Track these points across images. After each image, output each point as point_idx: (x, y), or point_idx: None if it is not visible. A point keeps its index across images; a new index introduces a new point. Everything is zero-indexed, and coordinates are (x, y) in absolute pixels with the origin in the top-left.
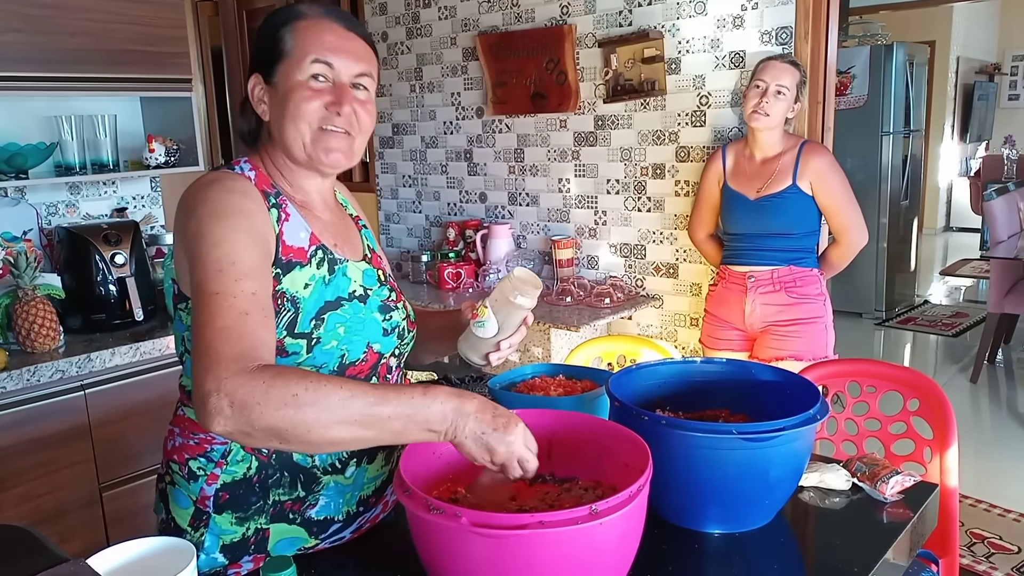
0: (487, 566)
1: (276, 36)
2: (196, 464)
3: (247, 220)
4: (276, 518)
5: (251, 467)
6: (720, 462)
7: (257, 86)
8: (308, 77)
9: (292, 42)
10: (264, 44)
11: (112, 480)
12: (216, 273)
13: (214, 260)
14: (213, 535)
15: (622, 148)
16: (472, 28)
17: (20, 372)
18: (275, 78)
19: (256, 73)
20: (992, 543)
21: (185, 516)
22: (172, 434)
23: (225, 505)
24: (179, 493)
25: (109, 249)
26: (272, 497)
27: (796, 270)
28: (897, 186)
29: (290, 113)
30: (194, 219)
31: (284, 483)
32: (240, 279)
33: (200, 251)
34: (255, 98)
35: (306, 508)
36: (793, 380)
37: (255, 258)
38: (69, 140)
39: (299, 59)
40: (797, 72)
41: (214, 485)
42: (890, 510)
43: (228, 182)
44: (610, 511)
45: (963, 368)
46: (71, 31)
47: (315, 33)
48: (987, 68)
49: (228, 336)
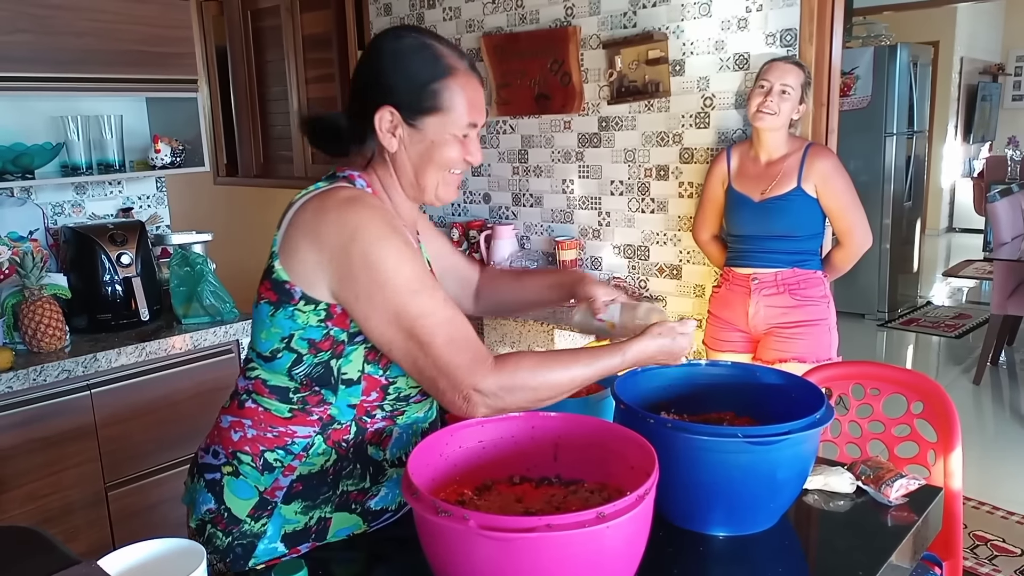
0: (494, 569)
1: (428, 88)
2: (273, 456)
3: (405, 237)
4: (340, 507)
5: (330, 459)
6: (725, 465)
7: (390, 120)
8: (459, 134)
9: (448, 101)
10: (411, 89)
11: (118, 480)
12: (413, 295)
13: (405, 283)
14: (276, 525)
15: (626, 149)
16: (476, 29)
17: (26, 372)
18: (421, 125)
19: (391, 107)
20: (995, 545)
21: (245, 506)
22: (240, 425)
23: (296, 495)
24: (242, 484)
25: (115, 249)
26: (341, 487)
27: (800, 272)
28: (900, 187)
29: (434, 163)
30: (363, 241)
31: (355, 474)
32: (434, 292)
33: (386, 275)
34: (384, 129)
35: (368, 499)
36: (798, 383)
37: (426, 269)
38: (75, 140)
39: (456, 119)
40: (802, 73)
41: (290, 476)
42: (894, 513)
43: (371, 200)
44: (617, 514)
45: (966, 370)
46: (77, 32)
47: (469, 93)
48: (991, 68)
49: (455, 346)
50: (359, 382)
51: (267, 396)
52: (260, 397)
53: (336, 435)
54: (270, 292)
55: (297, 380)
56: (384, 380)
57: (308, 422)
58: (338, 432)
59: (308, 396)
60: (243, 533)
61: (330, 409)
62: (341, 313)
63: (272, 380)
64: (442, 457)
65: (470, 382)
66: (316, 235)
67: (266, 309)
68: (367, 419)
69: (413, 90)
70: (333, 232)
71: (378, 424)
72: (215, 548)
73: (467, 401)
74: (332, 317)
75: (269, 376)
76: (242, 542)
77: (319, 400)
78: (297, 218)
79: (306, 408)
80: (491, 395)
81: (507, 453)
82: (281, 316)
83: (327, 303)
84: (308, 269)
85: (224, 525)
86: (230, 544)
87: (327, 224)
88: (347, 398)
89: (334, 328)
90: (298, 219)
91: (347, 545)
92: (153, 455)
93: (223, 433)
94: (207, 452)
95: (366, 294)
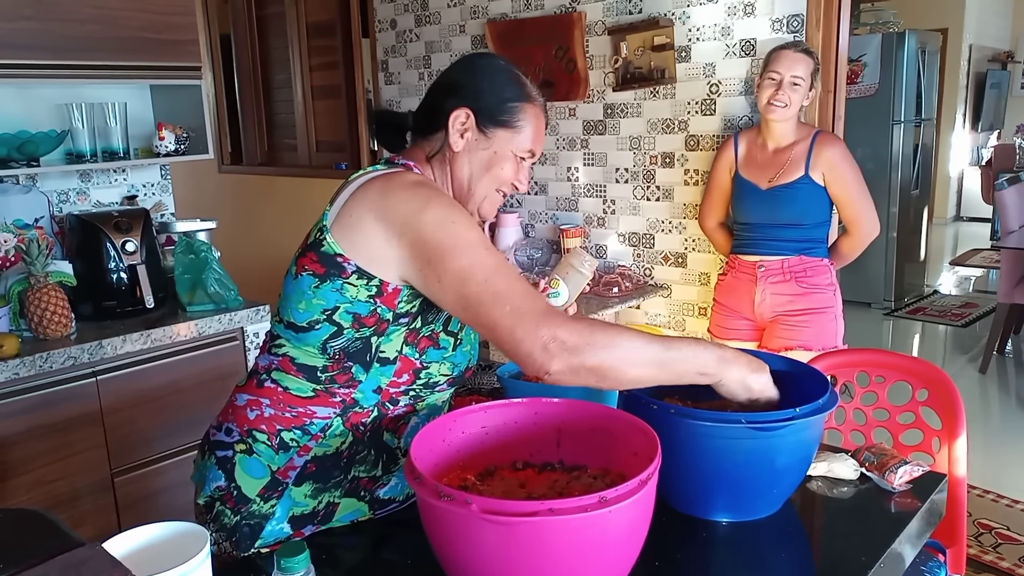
0: (497, 553)
1: (508, 104)
2: (289, 435)
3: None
4: (350, 493)
5: (345, 442)
6: (729, 451)
7: (464, 120)
8: (519, 156)
9: (522, 123)
10: (493, 99)
11: (124, 466)
12: (489, 251)
13: (480, 240)
14: (285, 507)
15: (631, 137)
16: (481, 16)
17: (32, 359)
18: (491, 133)
19: (468, 108)
20: (999, 533)
21: (256, 485)
22: (257, 404)
23: (308, 476)
24: (254, 462)
25: (120, 237)
26: (352, 472)
27: (806, 260)
28: (908, 175)
29: (491, 174)
30: (434, 211)
31: (368, 460)
32: (502, 253)
33: (461, 236)
34: (456, 127)
35: (377, 487)
36: (802, 370)
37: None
38: (80, 128)
39: (523, 141)
40: (811, 61)
41: (305, 457)
42: (898, 500)
43: (434, 185)
44: (619, 499)
45: (972, 359)
46: (81, 19)
47: (538, 124)
48: (1000, 56)
49: (531, 296)
50: (395, 362)
51: (293, 374)
52: (284, 375)
53: (355, 418)
54: (316, 264)
55: (329, 354)
56: (419, 364)
57: (330, 403)
58: (358, 415)
59: (337, 375)
60: (251, 513)
61: (354, 392)
62: (392, 292)
63: (301, 358)
64: (445, 443)
65: (549, 328)
66: (386, 210)
67: (309, 281)
68: (390, 405)
69: (495, 101)
70: (405, 206)
71: (399, 410)
72: (222, 526)
73: (545, 350)
74: (382, 295)
75: (298, 353)
76: (250, 522)
77: (347, 379)
78: (360, 195)
79: (330, 388)
80: (571, 346)
81: (510, 439)
82: (328, 288)
83: (380, 280)
84: (373, 245)
85: (233, 503)
86: (238, 523)
87: (399, 200)
88: (377, 378)
89: (381, 306)
90: (361, 196)
91: (349, 529)
92: (159, 441)
93: (238, 411)
94: (219, 430)
95: (439, 255)
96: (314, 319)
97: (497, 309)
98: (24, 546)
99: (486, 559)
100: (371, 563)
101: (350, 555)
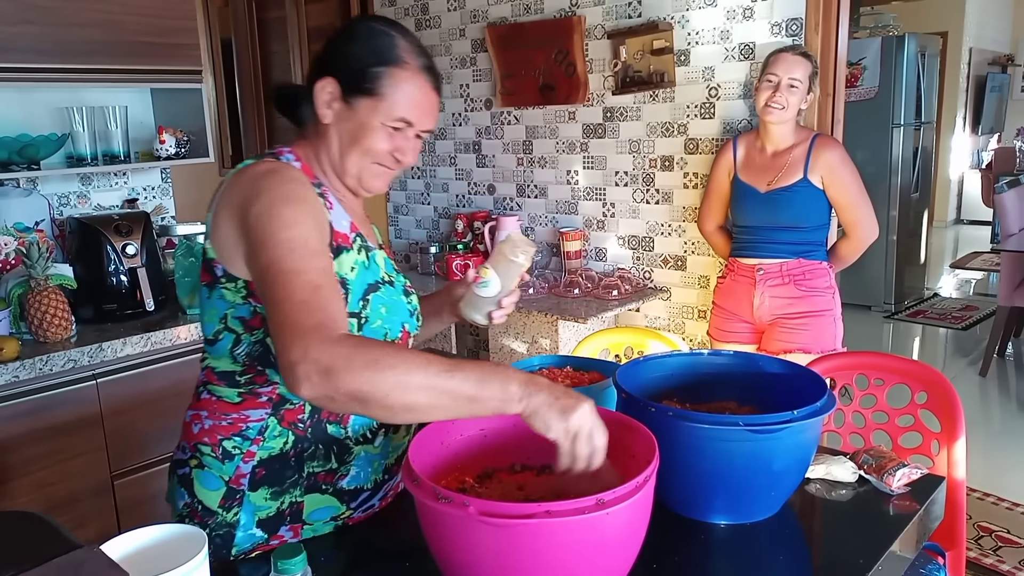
0: (494, 555)
1: (371, 71)
2: (231, 444)
3: (310, 207)
4: (310, 489)
5: (288, 441)
6: (727, 453)
7: (329, 92)
8: (389, 126)
9: (386, 89)
10: (355, 66)
11: (124, 469)
12: (289, 252)
13: (286, 240)
14: (248, 512)
15: (631, 140)
16: (481, 19)
17: (33, 361)
18: (355, 104)
19: (333, 78)
20: (999, 536)
21: (215, 497)
22: (198, 418)
23: (261, 481)
24: (208, 475)
25: (120, 240)
26: (307, 469)
27: (805, 263)
28: (907, 178)
29: (360, 147)
30: (261, 203)
31: (319, 455)
32: (311, 257)
33: (271, 232)
34: (322, 100)
35: (338, 479)
36: (800, 373)
37: (321, 240)
38: (80, 131)
39: (388, 109)
40: (809, 64)
41: (251, 462)
42: (896, 502)
43: (287, 172)
44: (617, 501)
45: (972, 361)
46: (82, 23)
47: (409, 91)
48: (1000, 59)
49: (307, 308)
50: None
51: (217, 383)
52: (212, 386)
53: (290, 415)
54: (205, 274)
55: (240, 362)
56: None
57: (258, 404)
58: (291, 412)
59: (255, 377)
60: (218, 524)
61: (278, 388)
62: None
63: (219, 366)
64: (443, 445)
65: (302, 345)
66: (231, 207)
67: (204, 292)
68: None
69: (357, 68)
70: (242, 199)
71: None
72: None
73: (290, 372)
74: (253, 294)
75: (216, 363)
76: (219, 532)
77: (265, 380)
78: (221, 195)
79: (254, 390)
80: (324, 367)
81: (508, 441)
82: (215, 297)
83: (245, 280)
84: (228, 244)
85: (200, 518)
86: (210, 535)
87: (240, 194)
88: None
89: (258, 305)
90: (221, 196)
91: (346, 530)
92: (159, 444)
93: (186, 428)
94: (178, 448)
95: (254, 249)
96: (217, 329)
97: (274, 315)
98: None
99: (484, 561)
100: (368, 565)
101: (347, 557)
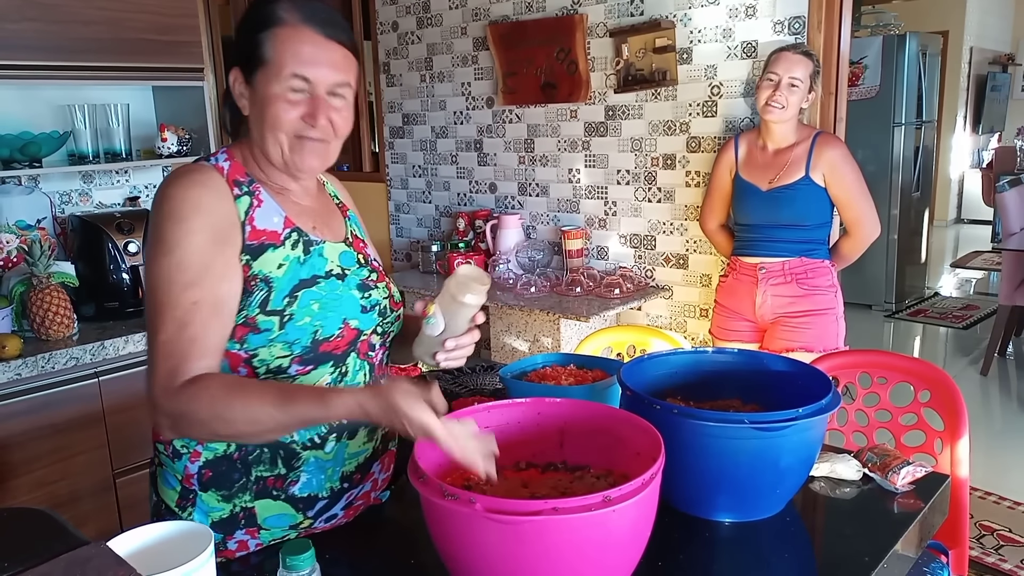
0: (501, 552)
1: (255, 40)
2: (180, 442)
3: (205, 218)
4: (260, 495)
5: (231, 444)
6: (731, 451)
7: (237, 82)
8: (286, 89)
9: (271, 51)
10: (244, 44)
11: (126, 466)
12: (165, 283)
13: (165, 269)
14: (201, 512)
15: (632, 138)
16: (483, 17)
17: (35, 359)
18: (254, 82)
19: (237, 68)
20: (1001, 535)
21: (173, 496)
22: None
23: (209, 483)
24: (167, 474)
25: (122, 238)
26: (254, 474)
27: (807, 261)
28: (908, 177)
29: (268, 122)
30: (152, 224)
31: (265, 459)
32: (186, 288)
33: (152, 259)
34: (236, 92)
35: (288, 484)
36: (805, 370)
37: (207, 260)
38: (82, 129)
39: (277, 71)
40: (810, 63)
41: (197, 463)
42: (900, 501)
43: (194, 175)
44: (623, 498)
45: (973, 361)
46: (84, 20)
47: (293, 44)
48: (1001, 58)
49: (166, 351)
50: (224, 359)
51: None
52: None
53: None
54: None
55: None
56: (245, 354)
57: None
58: None
59: None
60: None
61: None
62: None
63: None
64: None
65: (153, 396)
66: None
67: None
68: None
69: (244, 45)
70: (151, 216)
71: None
72: None
73: (151, 415)
74: None
75: None
76: None
77: None
78: None
79: None
80: (169, 419)
81: (513, 439)
82: None
83: None
84: None
85: (164, 517)
86: None
87: (151, 211)
88: None
89: None
90: None
91: (353, 527)
92: None
93: (153, 428)
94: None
95: (146, 269)
96: None
97: (148, 348)
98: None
99: (490, 558)
100: (375, 561)
101: (354, 553)
